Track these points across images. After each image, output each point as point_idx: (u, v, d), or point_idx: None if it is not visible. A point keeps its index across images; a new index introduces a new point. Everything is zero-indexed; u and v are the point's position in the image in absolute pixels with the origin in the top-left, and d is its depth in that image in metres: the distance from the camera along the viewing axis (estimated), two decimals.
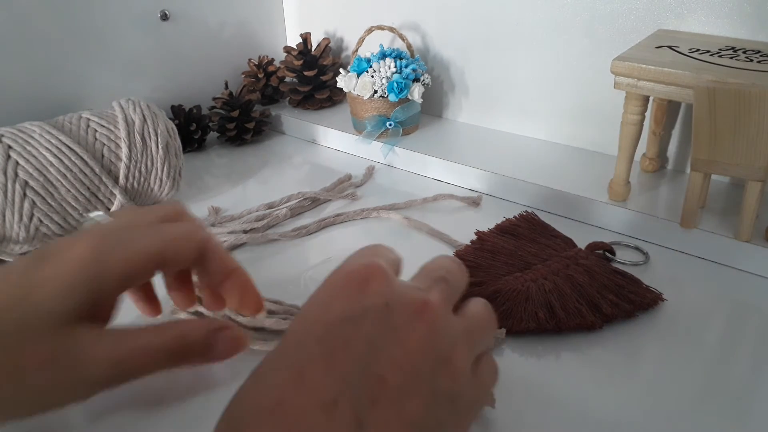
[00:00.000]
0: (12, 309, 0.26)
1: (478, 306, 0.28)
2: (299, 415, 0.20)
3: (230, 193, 0.60)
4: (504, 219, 0.51)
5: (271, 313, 0.41)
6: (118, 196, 0.51)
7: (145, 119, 0.52)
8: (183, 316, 0.42)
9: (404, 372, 0.22)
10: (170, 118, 0.57)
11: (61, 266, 0.27)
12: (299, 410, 0.20)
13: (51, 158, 0.47)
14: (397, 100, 0.63)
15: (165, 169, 0.53)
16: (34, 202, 0.46)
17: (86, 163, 0.48)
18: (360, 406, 0.21)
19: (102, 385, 0.28)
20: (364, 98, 0.64)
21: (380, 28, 0.66)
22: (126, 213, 0.34)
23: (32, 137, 0.47)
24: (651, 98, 0.49)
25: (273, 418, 0.20)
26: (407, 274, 0.45)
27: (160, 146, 0.52)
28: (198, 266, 0.32)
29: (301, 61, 0.73)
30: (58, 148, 0.47)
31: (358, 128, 0.67)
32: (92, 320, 0.28)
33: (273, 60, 0.78)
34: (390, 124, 0.65)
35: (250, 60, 0.78)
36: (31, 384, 0.26)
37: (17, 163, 0.46)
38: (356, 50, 0.68)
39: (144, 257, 0.29)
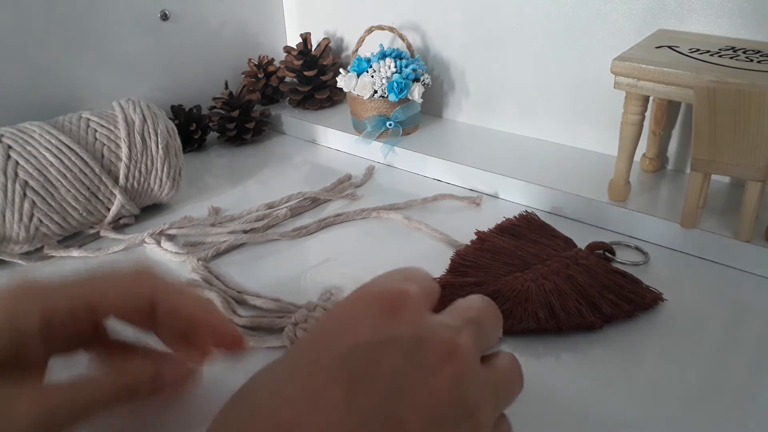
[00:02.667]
0: None
1: (507, 361, 0.26)
2: None
3: (230, 193, 0.60)
4: (504, 219, 0.51)
5: (269, 311, 0.41)
6: (118, 196, 0.51)
7: (145, 119, 0.52)
8: None
9: (426, 419, 0.20)
10: (170, 118, 0.57)
11: None
12: None
13: (51, 158, 0.47)
14: (397, 100, 0.63)
15: (165, 169, 0.53)
16: (34, 202, 0.46)
17: (86, 163, 0.48)
18: None
19: None
20: (364, 98, 0.64)
21: (380, 28, 0.66)
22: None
23: (32, 137, 0.47)
24: (651, 98, 0.49)
25: None
26: None
27: (160, 146, 0.52)
28: (151, 319, 0.28)
29: (301, 61, 0.73)
30: (58, 148, 0.47)
31: (358, 128, 0.67)
32: (16, 373, 0.25)
33: (273, 60, 0.78)
34: (390, 124, 0.65)
35: (250, 60, 0.78)
36: None
37: (17, 163, 0.46)
38: (356, 50, 0.68)
39: (64, 301, 0.26)
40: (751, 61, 0.44)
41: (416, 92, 0.64)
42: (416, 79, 0.65)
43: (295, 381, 0.21)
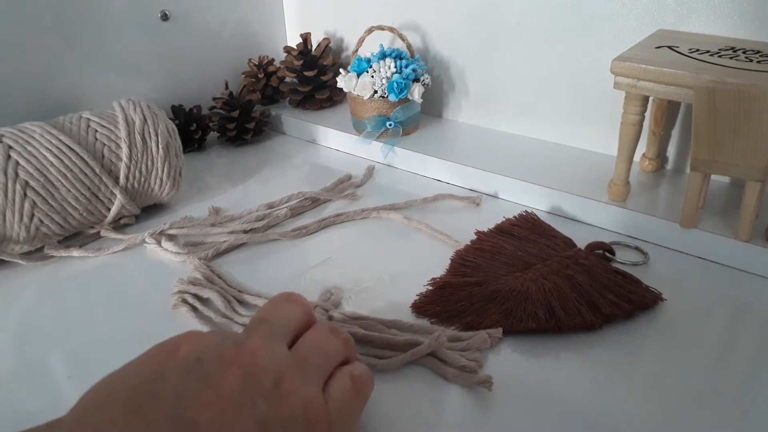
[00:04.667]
0: None
1: (314, 332, 0.29)
2: None
3: (230, 193, 0.60)
4: (504, 219, 0.51)
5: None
6: (119, 196, 0.51)
7: (145, 119, 0.52)
8: (184, 310, 0.42)
9: (216, 410, 0.22)
10: (170, 118, 0.57)
11: None
12: None
13: (51, 158, 0.47)
14: (397, 100, 0.63)
15: (165, 169, 0.53)
16: (34, 203, 0.46)
17: (86, 163, 0.48)
18: None
19: None
20: (364, 98, 0.64)
21: (380, 28, 0.66)
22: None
23: (33, 137, 0.47)
24: (651, 98, 0.49)
25: None
26: (406, 274, 0.45)
27: (160, 146, 0.52)
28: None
29: (301, 61, 0.73)
30: (58, 148, 0.48)
31: (358, 128, 0.67)
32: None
33: (273, 60, 0.78)
34: (390, 124, 0.65)
35: (250, 60, 0.78)
36: None
37: (17, 163, 0.46)
38: (356, 50, 0.68)
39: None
40: (751, 61, 0.44)
41: (416, 92, 0.64)
42: (416, 79, 0.65)
43: (89, 421, 0.22)
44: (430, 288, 0.43)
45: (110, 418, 0.21)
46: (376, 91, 0.63)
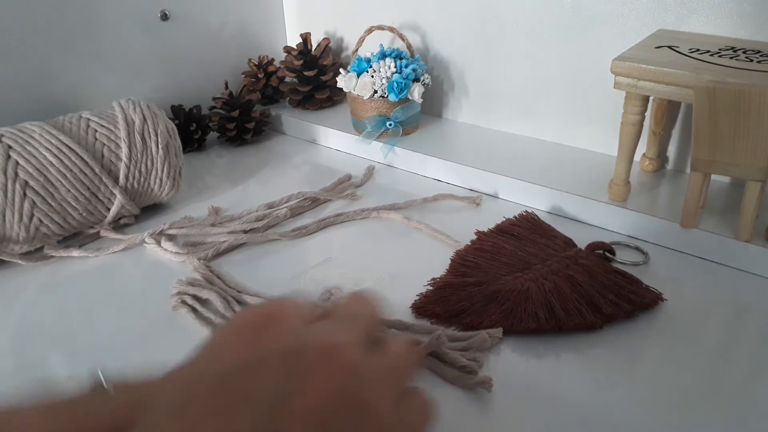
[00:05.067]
0: None
1: (398, 345, 0.25)
2: None
3: (230, 193, 0.60)
4: (504, 219, 0.51)
5: None
6: (118, 196, 0.51)
7: (145, 119, 0.52)
8: (184, 311, 0.42)
9: (312, 424, 0.19)
10: (170, 118, 0.57)
11: None
12: None
13: (51, 158, 0.47)
14: (397, 100, 0.63)
15: (165, 169, 0.53)
16: (34, 202, 0.46)
17: (86, 163, 0.48)
18: None
19: None
20: (364, 98, 0.64)
21: (380, 28, 0.66)
22: None
23: (32, 137, 0.47)
24: (651, 98, 0.49)
25: None
26: (406, 274, 0.45)
27: (160, 146, 0.52)
28: None
29: (301, 61, 0.73)
30: (58, 148, 0.47)
31: (358, 128, 0.67)
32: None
33: (273, 60, 0.78)
34: (390, 124, 0.65)
35: (250, 60, 0.77)
36: None
37: (17, 163, 0.46)
38: (356, 50, 0.68)
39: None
40: (751, 61, 0.44)
41: (416, 92, 0.64)
42: (416, 79, 0.65)
43: (170, 418, 0.20)
44: (430, 288, 0.43)
45: (202, 412, 0.19)
46: (376, 91, 0.63)
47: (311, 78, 0.73)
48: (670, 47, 0.47)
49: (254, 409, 0.19)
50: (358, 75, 0.65)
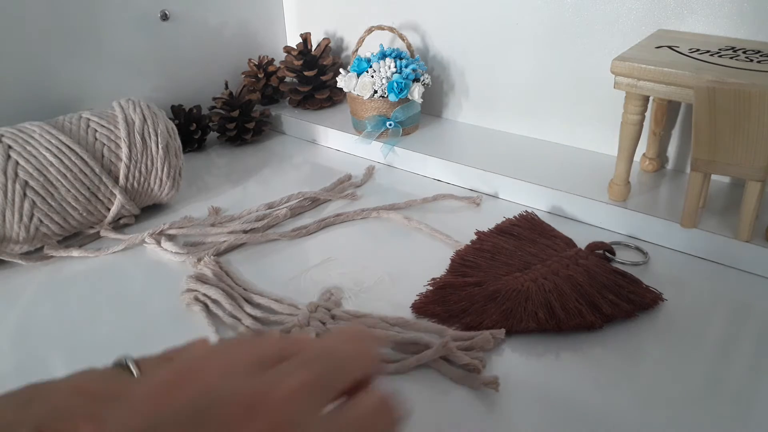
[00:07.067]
0: None
1: (363, 407, 0.20)
2: None
3: (230, 193, 0.60)
4: (504, 219, 0.51)
5: (271, 311, 0.41)
6: (118, 196, 0.51)
7: (145, 119, 0.52)
8: (197, 309, 0.42)
9: None
10: (170, 118, 0.57)
11: None
12: None
13: (51, 158, 0.47)
14: (397, 100, 0.63)
15: (165, 169, 0.53)
16: (34, 202, 0.46)
17: (86, 163, 0.48)
18: None
19: None
20: (364, 98, 0.64)
21: (380, 28, 0.66)
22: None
23: (32, 137, 0.47)
24: (651, 98, 0.49)
25: None
26: (406, 274, 0.45)
27: (160, 146, 0.52)
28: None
29: (301, 61, 0.73)
30: (58, 148, 0.47)
31: (358, 128, 0.67)
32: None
33: (273, 60, 0.78)
34: (390, 124, 0.65)
35: (250, 60, 0.77)
36: None
37: (17, 163, 0.46)
38: (356, 50, 0.68)
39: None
40: (751, 61, 0.44)
41: (416, 92, 0.64)
42: (416, 79, 0.65)
43: None
44: (430, 288, 0.43)
45: None
46: (376, 91, 0.63)
47: (311, 78, 0.73)
48: (670, 47, 0.47)
49: None
50: (358, 75, 0.65)
